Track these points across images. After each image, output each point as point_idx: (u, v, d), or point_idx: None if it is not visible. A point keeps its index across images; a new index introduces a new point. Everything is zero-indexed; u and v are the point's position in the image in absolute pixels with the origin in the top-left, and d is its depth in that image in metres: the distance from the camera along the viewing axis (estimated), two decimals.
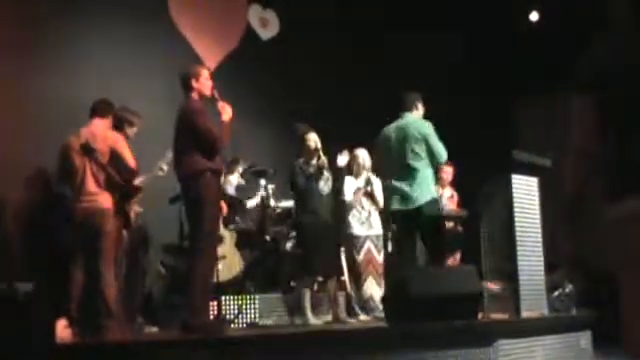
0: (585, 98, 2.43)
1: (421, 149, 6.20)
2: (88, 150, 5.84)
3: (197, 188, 5.42)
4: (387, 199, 6.52)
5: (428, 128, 6.27)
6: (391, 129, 6.40)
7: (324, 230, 6.62)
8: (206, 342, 5.12)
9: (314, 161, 6.73)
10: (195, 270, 5.40)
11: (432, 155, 6.24)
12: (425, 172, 6.23)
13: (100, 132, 5.94)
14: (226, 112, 5.62)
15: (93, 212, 5.79)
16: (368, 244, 7.22)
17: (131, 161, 5.92)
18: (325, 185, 6.72)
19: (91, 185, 5.82)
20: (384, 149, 6.43)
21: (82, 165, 5.84)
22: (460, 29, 9.64)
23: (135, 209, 6.51)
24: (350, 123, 9.00)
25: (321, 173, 6.70)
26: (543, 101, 9.32)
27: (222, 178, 7.09)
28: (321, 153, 6.71)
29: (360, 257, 7.15)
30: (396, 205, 6.27)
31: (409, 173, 6.19)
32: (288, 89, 9.16)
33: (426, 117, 6.50)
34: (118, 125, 6.49)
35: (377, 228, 7.32)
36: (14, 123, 7.11)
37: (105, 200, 5.83)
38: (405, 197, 6.19)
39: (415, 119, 6.42)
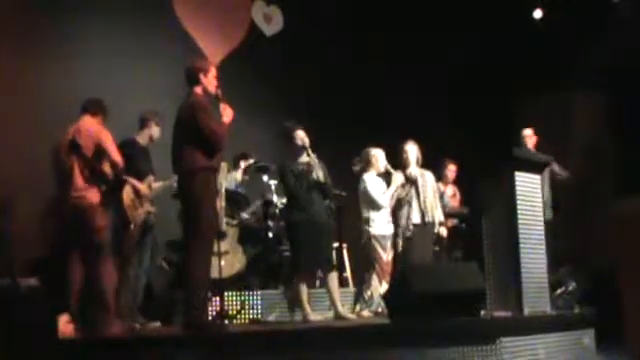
0: (592, 97, 2.43)
1: None
2: (74, 146, 5.83)
3: (194, 186, 5.41)
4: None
5: None
6: None
7: (316, 227, 6.59)
8: (208, 338, 5.13)
9: (303, 159, 6.71)
10: (192, 267, 5.40)
11: None
12: None
13: (85, 128, 5.92)
14: (227, 114, 5.63)
15: (82, 208, 5.79)
16: (389, 243, 7.22)
17: (116, 156, 5.90)
18: (318, 182, 6.68)
19: (79, 181, 5.81)
20: None
21: (70, 162, 5.84)
22: (461, 28, 9.61)
23: (147, 208, 6.51)
24: (354, 121, 9.01)
25: (310, 170, 6.67)
26: (546, 99, 9.32)
27: (226, 174, 7.14)
28: (309, 150, 6.69)
29: (386, 256, 7.14)
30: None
31: None
32: (291, 85, 9.14)
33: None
34: (143, 125, 6.55)
35: (392, 227, 7.32)
36: (14, 121, 7.11)
37: (93, 195, 5.83)
38: None
39: None
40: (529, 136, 8.17)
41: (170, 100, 6.26)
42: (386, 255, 7.15)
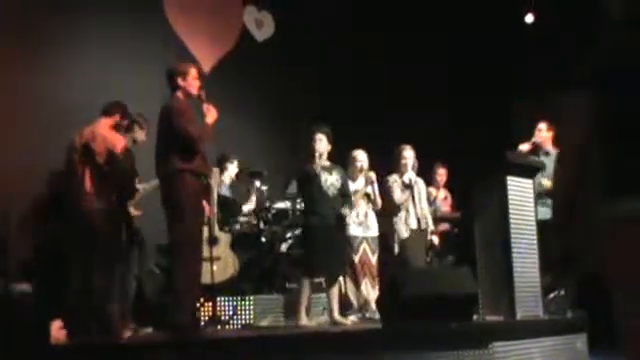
0: (584, 97, 2.42)
1: None
2: (87, 150, 5.82)
3: (174, 189, 5.44)
4: None
5: None
6: None
7: (329, 231, 6.59)
8: (198, 343, 5.12)
9: (318, 161, 6.70)
10: (178, 270, 5.42)
11: None
12: None
13: (101, 132, 5.90)
14: (211, 114, 5.66)
15: (90, 213, 5.77)
16: (363, 245, 7.22)
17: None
18: (331, 186, 6.68)
19: (89, 186, 5.79)
20: None
21: (82, 165, 5.82)
22: (457, 29, 9.64)
23: (132, 212, 6.49)
24: (347, 123, 9.01)
25: (329, 174, 6.68)
26: (537, 102, 9.34)
27: (217, 177, 7.13)
28: (320, 154, 6.69)
29: (356, 258, 7.16)
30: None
31: None
32: (282, 90, 9.15)
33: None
34: (128, 127, 6.52)
35: (374, 230, 7.32)
36: (12, 123, 7.09)
37: (102, 201, 5.81)
38: None
39: None
40: (542, 130, 7.70)
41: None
42: (357, 257, 7.17)
